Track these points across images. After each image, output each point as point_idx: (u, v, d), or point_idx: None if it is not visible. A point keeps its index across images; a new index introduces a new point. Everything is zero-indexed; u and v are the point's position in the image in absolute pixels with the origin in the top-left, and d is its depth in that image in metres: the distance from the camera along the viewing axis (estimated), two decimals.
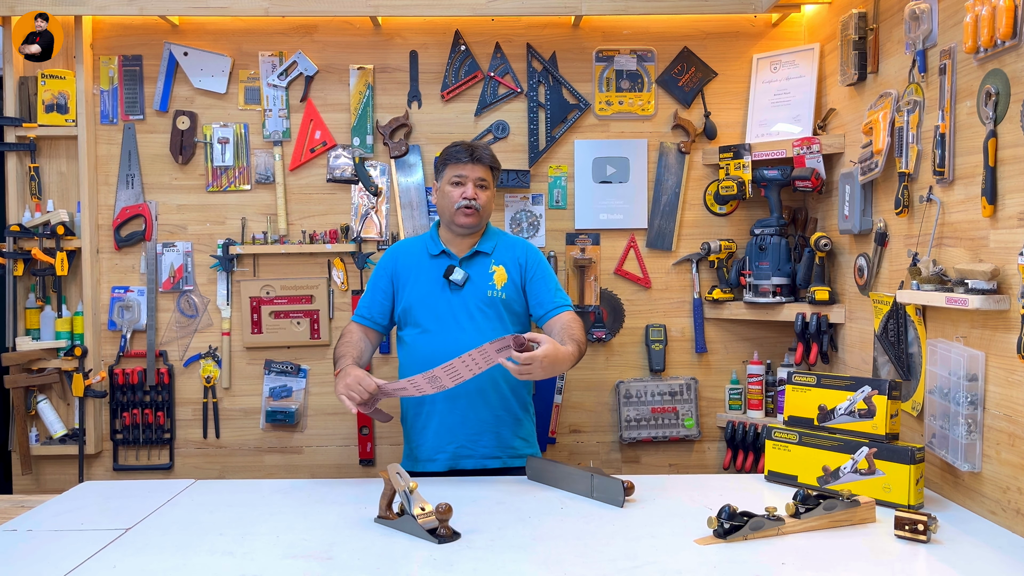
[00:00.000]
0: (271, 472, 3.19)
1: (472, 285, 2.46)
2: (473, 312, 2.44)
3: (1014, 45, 1.85)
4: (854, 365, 2.76)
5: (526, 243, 2.59)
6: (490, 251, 2.51)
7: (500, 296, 2.46)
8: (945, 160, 2.11)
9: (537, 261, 2.53)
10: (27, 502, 2.25)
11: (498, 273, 2.48)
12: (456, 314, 2.44)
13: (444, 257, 2.50)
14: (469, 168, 2.45)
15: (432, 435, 2.43)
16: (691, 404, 3.20)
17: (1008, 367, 1.88)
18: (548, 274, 2.53)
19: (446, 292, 2.46)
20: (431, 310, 2.46)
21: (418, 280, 2.50)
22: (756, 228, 3.02)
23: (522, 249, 2.55)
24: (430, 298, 2.47)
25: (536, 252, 2.56)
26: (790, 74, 3.07)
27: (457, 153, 2.47)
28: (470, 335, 2.38)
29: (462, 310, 2.44)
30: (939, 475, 2.18)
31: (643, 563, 1.67)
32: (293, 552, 1.75)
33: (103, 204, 3.16)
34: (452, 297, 2.46)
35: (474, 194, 2.44)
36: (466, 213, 2.44)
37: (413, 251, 2.57)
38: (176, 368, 3.19)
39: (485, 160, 2.47)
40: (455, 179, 2.46)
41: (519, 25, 3.17)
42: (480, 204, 2.45)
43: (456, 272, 2.45)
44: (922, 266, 2.15)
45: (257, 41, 3.16)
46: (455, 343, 2.35)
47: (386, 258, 2.60)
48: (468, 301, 2.45)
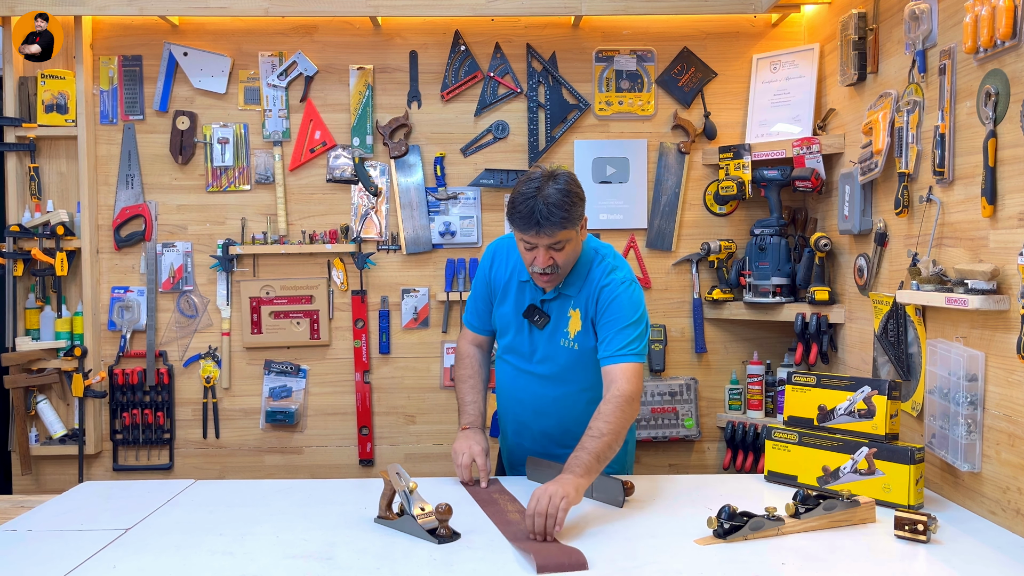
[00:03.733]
0: (271, 472, 3.19)
1: (551, 327, 2.20)
2: (548, 355, 2.22)
3: (1014, 45, 1.85)
4: (854, 365, 2.76)
5: (605, 273, 2.16)
6: (574, 293, 2.17)
7: (572, 346, 2.18)
8: (945, 160, 2.11)
9: (609, 297, 2.12)
10: (27, 502, 2.25)
11: (573, 320, 2.17)
12: (536, 351, 2.24)
13: (530, 288, 2.21)
14: (535, 237, 2.03)
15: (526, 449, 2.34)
16: (691, 404, 3.20)
17: (1008, 367, 1.88)
18: (615, 312, 2.11)
19: (528, 327, 2.23)
20: (515, 344, 2.28)
21: (506, 302, 2.26)
22: (756, 228, 3.02)
23: (596, 285, 2.15)
24: (514, 329, 2.26)
25: (610, 286, 2.13)
26: (790, 74, 3.07)
27: (518, 221, 2.03)
28: (545, 377, 2.24)
29: (542, 349, 2.23)
30: (939, 475, 2.18)
31: (643, 563, 1.67)
32: (293, 552, 1.75)
33: (103, 204, 3.16)
34: (535, 334, 2.23)
35: (548, 261, 2.06)
36: (543, 280, 2.12)
37: (507, 263, 2.27)
38: (176, 368, 3.19)
39: (556, 227, 2.01)
40: (524, 243, 2.08)
41: (519, 25, 3.17)
42: (560, 264, 2.08)
43: (536, 315, 2.21)
44: (922, 266, 2.15)
45: (257, 41, 3.16)
46: (533, 380, 2.25)
47: (484, 263, 2.32)
48: (546, 344, 2.22)
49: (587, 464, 1.90)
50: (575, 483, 1.85)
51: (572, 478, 1.86)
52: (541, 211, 1.98)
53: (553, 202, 1.98)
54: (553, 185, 2.01)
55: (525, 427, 2.32)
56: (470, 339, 2.40)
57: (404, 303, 3.21)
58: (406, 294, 3.20)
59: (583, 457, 1.91)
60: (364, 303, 3.19)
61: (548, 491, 1.79)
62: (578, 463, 1.90)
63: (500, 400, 2.41)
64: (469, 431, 2.26)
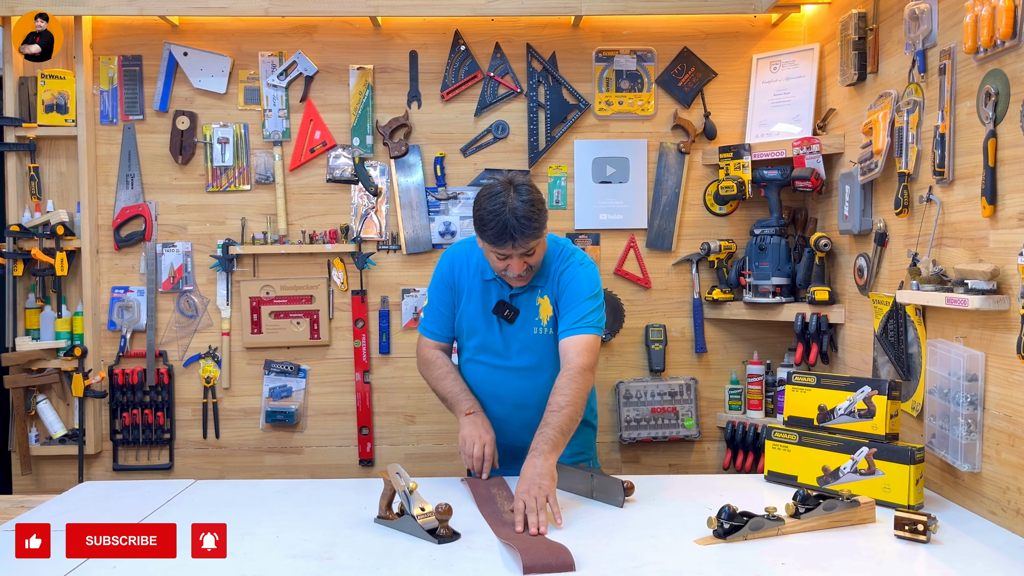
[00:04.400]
0: (271, 472, 3.19)
1: (521, 319, 2.27)
2: (524, 347, 2.29)
3: (1014, 45, 1.85)
4: (854, 365, 2.76)
5: (568, 256, 2.28)
6: (541, 283, 2.26)
7: (546, 332, 2.26)
8: (945, 160, 2.11)
9: (568, 277, 2.23)
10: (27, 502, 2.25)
11: (543, 307, 2.26)
12: (510, 346, 2.30)
13: (496, 285, 2.28)
14: (509, 250, 2.11)
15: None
16: (691, 404, 3.20)
17: (1008, 367, 1.88)
18: (574, 289, 2.22)
19: (497, 324, 2.29)
20: (485, 342, 2.32)
21: (470, 303, 2.32)
22: (756, 228, 3.02)
23: (558, 268, 2.26)
24: (483, 328, 2.31)
25: (572, 264, 2.25)
26: (790, 74, 3.07)
27: (491, 236, 2.10)
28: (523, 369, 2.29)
29: (514, 344, 2.29)
30: (939, 475, 2.18)
31: (643, 563, 1.67)
32: (293, 552, 1.75)
33: (103, 204, 3.16)
34: (506, 329, 2.28)
35: (523, 267, 2.15)
36: (519, 281, 2.22)
37: (470, 264, 2.33)
38: (176, 368, 3.19)
39: (529, 238, 2.09)
40: (497, 255, 2.15)
41: (519, 25, 3.17)
42: (533, 266, 2.18)
43: (506, 310, 2.26)
44: (922, 266, 2.15)
45: (257, 41, 3.16)
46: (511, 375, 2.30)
47: (444, 268, 2.36)
48: (519, 336, 2.28)
49: (554, 439, 2.01)
50: (548, 468, 1.95)
51: (542, 461, 1.96)
52: (512, 225, 2.05)
53: (522, 215, 2.06)
54: (517, 198, 2.08)
55: (506, 423, 2.32)
56: (432, 346, 2.41)
57: (404, 303, 3.21)
58: (406, 294, 3.20)
59: (548, 433, 2.02)
60: (364, 303, 3.19)
61: (531, 493, 1.88)
62: (544, 440, 2.01)
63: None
64: (475, 416, 2.25)
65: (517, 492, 1.91)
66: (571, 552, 1.67)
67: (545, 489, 1.90)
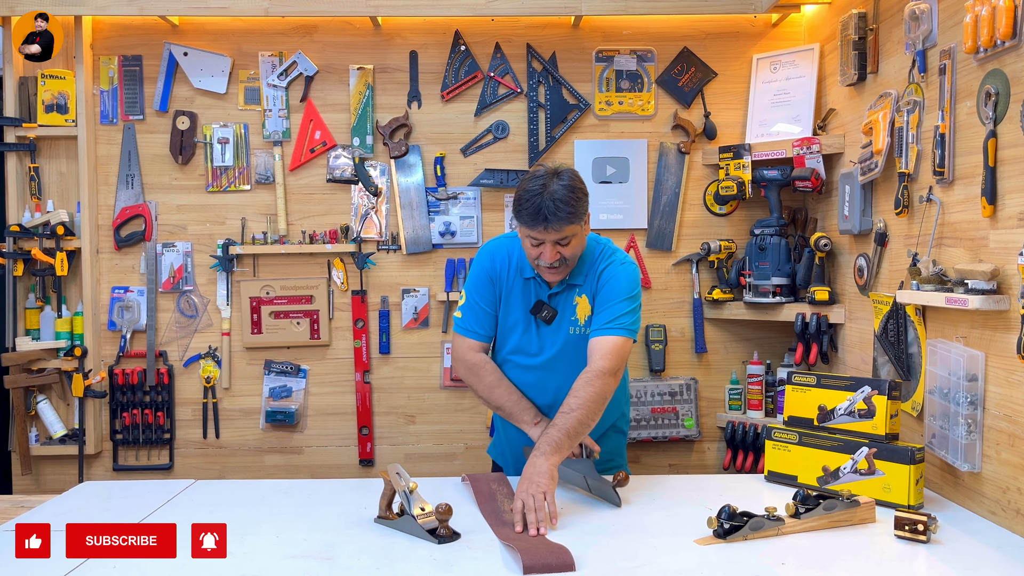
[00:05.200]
0: (271, 472, 3.19)
1: (560, 320, 2.22)
2: (559, 348, 2.23)
3: (1014, 45, 1.85)
4: (854, 365, 2.76)
5: (609, 255, 2.23)
6: (581, 282, 2.21)
7: (582, 331, 2.20)
8: (945, 160, 2.11)
9: (608, 276, 2.19)
10: (27, 502, 2.25)
11: (581, 306, 2.21)
12: (544, 347, 2.24)
13: (535, 284, 2.23)
14: (542, 233, 2.05)
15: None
16: (691, 404, 3.20)
17: (1008, 367, 1.88)
18: (611, 288, 2.17)
19: (535, 325, 2.24)
20: (521, 345, 2.26)
21: (511, 300, 2.25)
22: (756, 228, 3.02)
23: (599, 266, 2.21)
24: (521, 328, 2.25)
25: (614, 263, 2.21)
26: (790, 74, 3.07)
27: (526, 217, 2.05)
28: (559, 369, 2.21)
29: (548, 345, 2.23)
30: (939, 475, 2.18)
31: (643, 563, 1.67)
32: (293, 552, 1.75)
33: (103, 204, 3.16)
34: (542, 330, 2.23)
35: (555, 256, 2.09)
36: (550, 273, 2.16)
37: (511, 260, 2.26)
38: (176, 368, 3.19)
39: (563, 222, 2.03)
40: (531, 240, 2.10)
41: (519, 25, 3.17)
42: (567, 258, 2.11)
43: (543, 310, 2.22)
44: (922, 266, 2.15)
45: (257, 41, 3.16)
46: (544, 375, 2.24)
47: (484, 264, 2.28)
48: (554, 338, 2.22)
49: (557, 441, 1.97)
50: (548, 469, 1.92)
51: (543, 461, 1.93)
52: (548, 207, 2.01)
53: (559, 198, 2.02)
54: (558, 182, 2.05)
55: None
56: (475, 348, 2.28)
57: (404, 303, 3.21)
58: (406, 294, 3.20)
59: (553, 434, 1.98)
60: (364, 303, 3.19)
61: (529, 492, 1.87)
62: (548, 441, 1.97)
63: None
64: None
65: (517, 492, 1.91)
66: (571, 552, 1.67)
67: (543, 487, 1.89)
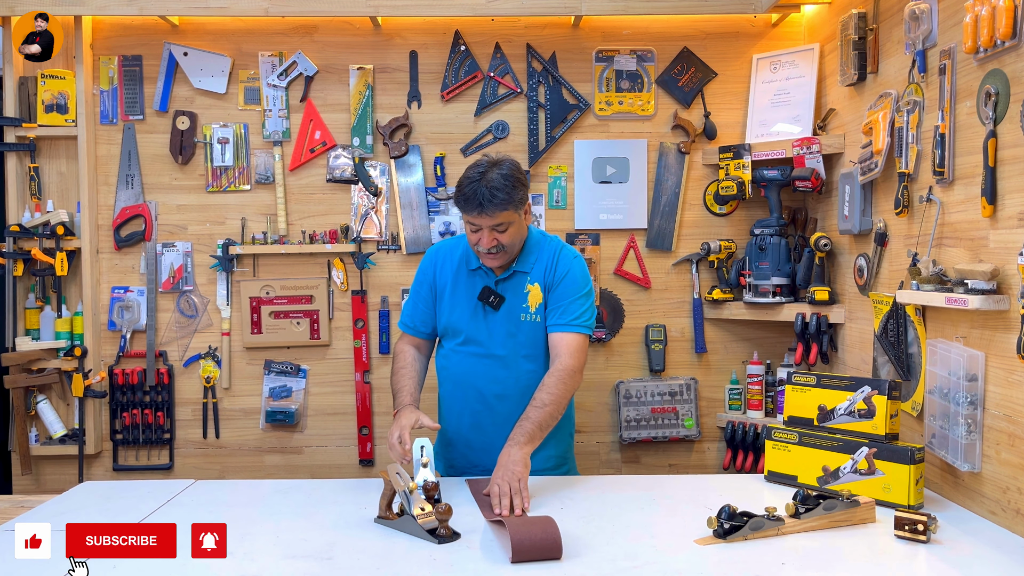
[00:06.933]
0: (271, 472, 3.19)
1: (508, 307, 2.29)
2: (509, 334, 2.30)
3: (1014, 45, 1.85)
4: (854, 365, 2.76)
5: (559, 248, 2.34)
6: (528, 269, 2.30)
7: (534, 319, 2.29)
8: (945, 160, 2.12)
9: (564, 269, 2.29)
10: (27, 502, 2.25)
11: (532, 293, 2.29)
12: (494, 335, 2.30)
13: (481, 274, 2.32)
14: (478, 219, 2.17)
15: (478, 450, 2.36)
16: (691, 404, 3.20)
17: (1008, 367, 1.88)
18: (569, 284, 2.28)
19: (483, 312, 2.31)
20: (471, 334, 2.32)
21: (455, 295, 2.35)
22: (756, 228, 3.02)
23: (552, 258, 2.32)
24: (467, 316, 2.32)
25: (566, 258, 2.32)
26: (790, 74, 3.07)
27: (463, 202, 2.19)
28: (509, 357, 2.30)
29: (499, 331, 2.30)
30: (939, 475, 2.18)
31: (643, 563, 1.67)
32: (293, 552, 1.75)
33: (103, 204, 3.16)
34: (491, 317, 2.30)
35: (492, 242, 2.19)
36: (489, 258, 2.24)
37: (452, 259, 2.38)
38: (176, 368, 3.19)
39: (497, 208, 2.15)
40: (470, 225, 2.22)
41: (519, 25, 3.17)
42: (504, 245, 2.21)
43: (491, 296, 2.29)
44: (922, 266, 2.15)
45: (257, 41, 3.16)
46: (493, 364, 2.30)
47: (425, 265, 2.42)
48: (506, 323, 2.30)
49: (531, 432, 2.10)
50: (522, 457, 2.05)
51: (517, 451, 2.06)
52: (483, 194, 2.14)
53: (495, 185, 2.15)
54: (497, 171, 2.19)
55: (485, 415, 2.32)
56: (408, 340, 2.46)
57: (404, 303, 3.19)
58: (406, 294, 3.19)
59: (527, 426, 2.11)
60: (364, 303, 3.19)
61: (505, 478, 1.99)
62: (522, 432, 2.10)
63: (452, 393, 2.39)
64: (398, 412, 2.25)
65: (492, 478, 2.02)
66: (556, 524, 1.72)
67: (518, 475, 2.00)
